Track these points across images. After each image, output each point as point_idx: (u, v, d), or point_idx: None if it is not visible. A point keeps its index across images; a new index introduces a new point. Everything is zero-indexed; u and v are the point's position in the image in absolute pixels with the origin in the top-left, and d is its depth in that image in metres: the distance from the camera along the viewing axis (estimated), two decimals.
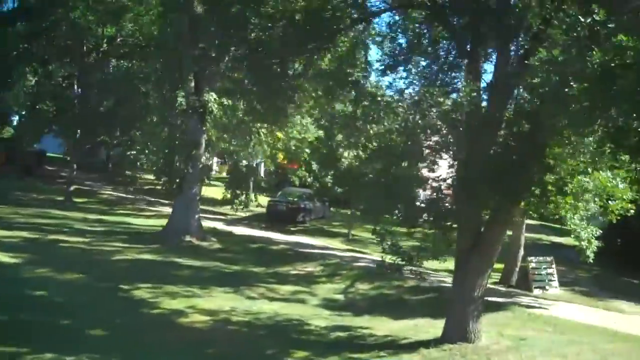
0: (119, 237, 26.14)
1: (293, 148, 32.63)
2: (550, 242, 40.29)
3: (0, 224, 25.60)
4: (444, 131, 14.38)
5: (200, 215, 27.56)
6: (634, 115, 10.24)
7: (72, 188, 35.22)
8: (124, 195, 40.09)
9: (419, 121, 14.23)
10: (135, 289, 18.32)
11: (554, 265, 25.13)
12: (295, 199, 36.77)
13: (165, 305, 17.16)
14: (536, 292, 24.10)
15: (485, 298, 19.86)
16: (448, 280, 23.75)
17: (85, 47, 33.17)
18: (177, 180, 25.92)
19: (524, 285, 24.57)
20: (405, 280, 22.09)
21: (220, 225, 32.15)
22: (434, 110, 13.70)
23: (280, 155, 37.47)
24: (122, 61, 33.39)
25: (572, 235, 24.74)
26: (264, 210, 38.09)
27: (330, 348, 15.09)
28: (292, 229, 34.70)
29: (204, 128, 25.03)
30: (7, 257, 20.10)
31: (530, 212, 17.07)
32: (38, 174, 41.63)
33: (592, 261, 22.95)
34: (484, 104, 14.57)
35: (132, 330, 14.76)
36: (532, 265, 24.84)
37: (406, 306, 19.69)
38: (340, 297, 20.57)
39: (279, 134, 32.42)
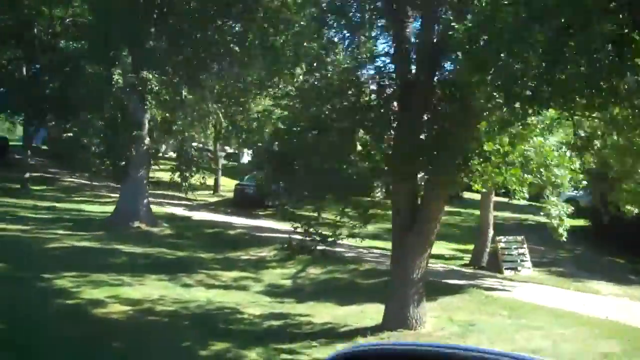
0: (64, 224, 24.65)
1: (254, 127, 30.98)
2: (537, 222, 38.81)
3: None
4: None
5: (163, 201, 26.17)
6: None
7: (27, 175, 33.70)
8: (87, 182, 38.51)
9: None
10: (58, 278, 16.82)
11: (525, 245, 23.66)
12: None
13: (85, 294, 15.68)
14: (507, 273, 22.66)
15: (446, 280, 18.64)
16: None
17: (35, 30, 31.54)
18: (122, 164, 24.34)
19: (494, 267, 23.11)
20: (361, 263, 20.62)
21: (181, 211, 30.69)
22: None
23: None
24: (71, 42, 31.76)
25: (542, 213, 23.50)
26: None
27: (258, 338, 13.66)
28: (260, 213, 33.18)
29: (146, 107, 23.44)
30: None
31: (479, 187, 15.56)
32: (2, 162, 40.07)
33: (565, 239, 21.66)
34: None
35: (34, 323, 13.25)
36: (502, 245, 23.37)
37: (357, 291, 18.20)
38: (288, 282, 19.10)
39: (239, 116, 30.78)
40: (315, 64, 13.15)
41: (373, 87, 14.42)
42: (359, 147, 14.64)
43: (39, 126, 36.12)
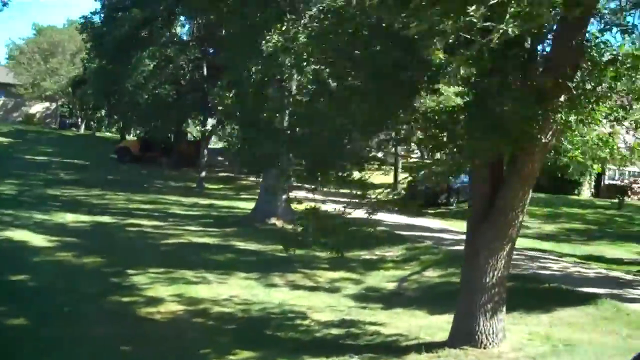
0: (204, 221, 24.40)
1: None
2: None
3: (95, 210, 25.12)
4: None
5: (329, 198, 24.48)
6: None
7: (203, 174, 34.47)
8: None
9: None
10: (140, 274, 16.18)
11: None
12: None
13: (151, 292, 14.79)
14: None
15: (580, 289, 15.04)
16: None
17: None
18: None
19: None
20: None
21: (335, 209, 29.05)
22: None
23: None
24: None
25: None
26: None
27: (298, 349, 11.69)
28: (429, 211, 30.65)
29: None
30: (46, 240, 19.12)
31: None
32: (196, 164, 41.60)
33: None
34: None
35: (67, 318, 12.59)
36: None
37: None
38: (390, 285, 16.76)
39: None
40: None
41: None
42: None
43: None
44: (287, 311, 14.08)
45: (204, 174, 34.51)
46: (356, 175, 13.09)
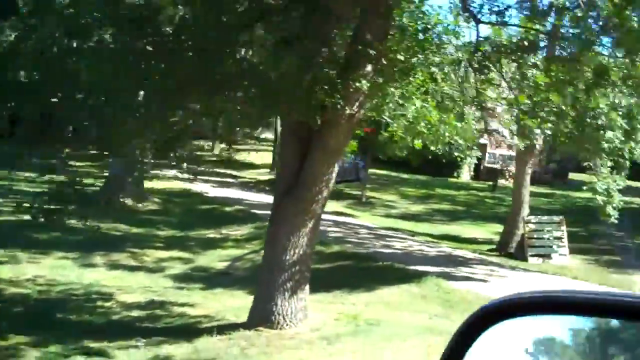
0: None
1: None
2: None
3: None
4: None
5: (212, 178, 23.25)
6: None
7: None
8: None
9: None
10: None
11: (563, 228, 18.77)
12: None
13: None
14: (532, 261, 18.06)
15: (414, 267, 14.49)
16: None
17: None
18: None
19: (521, 253, 18.53)
20: (330, 244, 16.92)
21: (207, 188, 27.82)
22: None
23: None
24: None
25: (585, 187, 18.71)
26: None
27: (86, 332, 10.57)
28: None
29: None
30: None
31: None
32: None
33: (615, 220, 17.06)
34: None
35: None
36: (531, 227, 18.68)
37: None
38: (220, 265, 15.85)
39: None
40: None
41: None
42: None
43: None
44: (92, 292, 12.91)
45: None
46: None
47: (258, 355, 9.34)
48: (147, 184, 22.49)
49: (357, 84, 8.97)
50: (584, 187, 18.62)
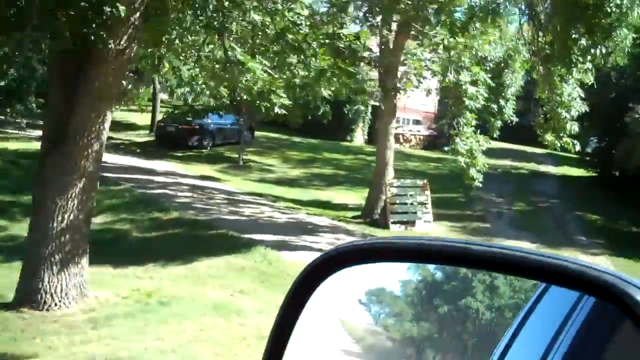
0: None
1: None
2: (532, 171, 32.48)
3: None
4: None
5: None
6: None
7: None
8: None
9: None
10: None
11: (428, 192, 17.79)
12: (189, 119, 29.48)
13: None
14: (395, 228, 17.00)
15: (250, 236, 13.14)
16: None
17: None
18: None
19: (384, 220, 17.43)
20: (169, 211, 15.38)
21: None
22: None
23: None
24: None
25: (446, 148, 17.82)
26: None
27: None
28: (178, 154, 28.00)
29: None
30: None
31: None
32: None
33: (479, 184, 16.14)
34: None
35: None
36: (393, 191, 17.58)
37: (129, 249, 13.12)
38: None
39: None
40: None
41: None
42: None
43: None
44: None
45: None
46: None
47: (4, 343, 7.77)
48: None
49: (113, 10, 7.38)
50: (445, 148, 17.63)
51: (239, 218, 15.59)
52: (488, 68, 17.95)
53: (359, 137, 39.17)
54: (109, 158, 24.46)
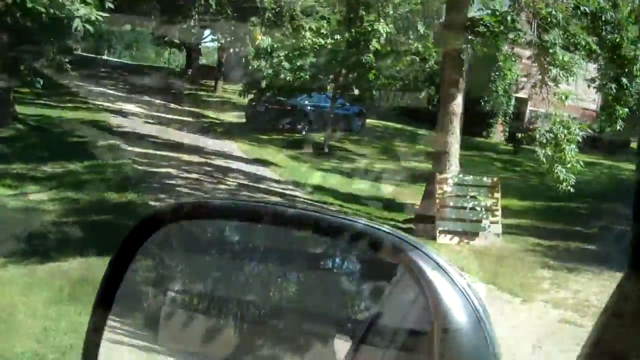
0: None
1: None
2: None
3: None
4: None
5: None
6: None
7: None
8: None
9: None
10: None
11: (498, 194, 12.82)
12: (284, 99, 25.65)
13: None
14: (443, 240, 12.31)
15: None
16: None
17: None
18: None
19: (431, 228, 12.72)
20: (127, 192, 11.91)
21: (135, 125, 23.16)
22: None
23: None
24: None
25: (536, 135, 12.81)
26: None
27: None
28: (263, 137, 24.52)
29: None
30: None
31: None
32: None
33: (569, 188, 11.25)
34: None
35: None
36: (446, 189, 12.82)
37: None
38: None
39: None
40: None
41: None
42: None
43: None
44: None
45: None
46: None
47: None
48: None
49: None
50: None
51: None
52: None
53: (498, 134, 33.83)
54: (170, 135, 21.75)
